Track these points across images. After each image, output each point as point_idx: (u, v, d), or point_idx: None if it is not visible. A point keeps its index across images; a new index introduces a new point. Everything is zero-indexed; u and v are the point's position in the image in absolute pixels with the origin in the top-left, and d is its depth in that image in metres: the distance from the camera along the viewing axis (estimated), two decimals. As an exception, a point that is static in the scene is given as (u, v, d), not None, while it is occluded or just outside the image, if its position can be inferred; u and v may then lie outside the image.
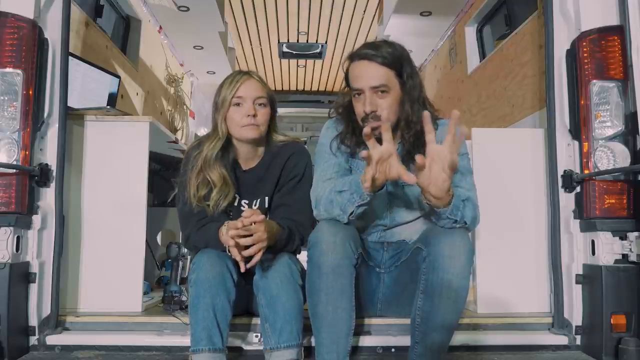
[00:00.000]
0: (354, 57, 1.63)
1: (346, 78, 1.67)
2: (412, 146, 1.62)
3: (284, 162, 1.78)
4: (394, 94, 1.60)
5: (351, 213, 1.52)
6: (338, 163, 1.68)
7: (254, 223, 1.50)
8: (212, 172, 1.71)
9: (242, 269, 1.51)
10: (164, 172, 2.80)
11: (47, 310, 1.79)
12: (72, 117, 1.98)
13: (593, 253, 1.79)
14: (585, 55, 1.82)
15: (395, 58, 1.59)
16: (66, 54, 1.88)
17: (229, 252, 1.56)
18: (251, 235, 1.50)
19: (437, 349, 1.53)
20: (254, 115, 1.70)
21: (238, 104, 1.71)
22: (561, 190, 1.89)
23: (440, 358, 1.54)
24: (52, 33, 1.85)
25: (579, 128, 1.84)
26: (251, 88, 1.72)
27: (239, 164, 1.81)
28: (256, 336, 1.77)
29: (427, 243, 1.51)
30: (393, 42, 1.64)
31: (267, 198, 1.80)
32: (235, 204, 1.79)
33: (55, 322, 1.80)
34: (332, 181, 1.62)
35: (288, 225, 1.68)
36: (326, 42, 5.42)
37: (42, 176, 1.80)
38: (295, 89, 6.86)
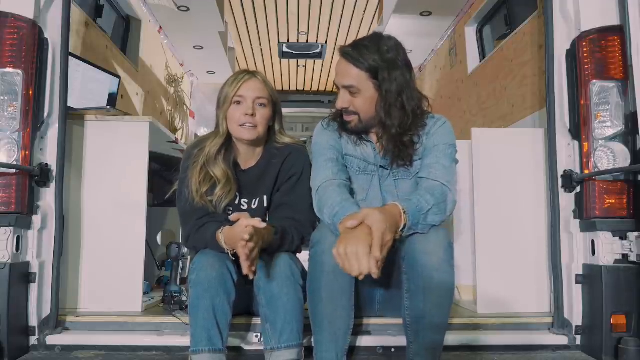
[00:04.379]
0: (339, 52, 1.67)
1: None
2: (396, 150, 1.66)
3: (282, 161, 1.78)
4: (366, 94, 1.63)
5: None
6: (335, 158, 1.70)
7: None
8: (216, 169, 1.73)
9: (251, 276, 1.47)
10: (164, 172, 2.80)
11: (47, 310, 1.80)
12: (72, 117, 1.98)
13: (593, 253, 1.79)
14: (585, 55, 1.82)
15: (373, 62, 1.59)
16: (66, 54, 1.88)
17: (232, 256, 1.57)
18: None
19: (432, 346, 1.53)
20: (252, 115, 1.71)
21: (238, 102, 1.72)
22: (561, 190, 1.89)
23: (436, 355, 1.55)
24: (52, 33, 1.85)
25: (579, 128, 1.84)
26: (252, 88, 1.73)
27: (238, 163, 1.81)
28: (256, 336, 1.77)
29: (403, 241, 1.51)
30: (381, 45, 1.61)
31: (265, 197, 1.80)
32: (236, 202, 1.79)
33: (55, 322, 1.80)
34: (329, 172, 1.65)
35: (284, 225, 1.68)
36: (326, 42, 5.42)
37: (42, 176, 1.80)
38: (295, 89, 6.86)
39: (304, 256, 1.71)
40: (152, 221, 2.41)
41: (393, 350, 1.76)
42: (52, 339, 1.78)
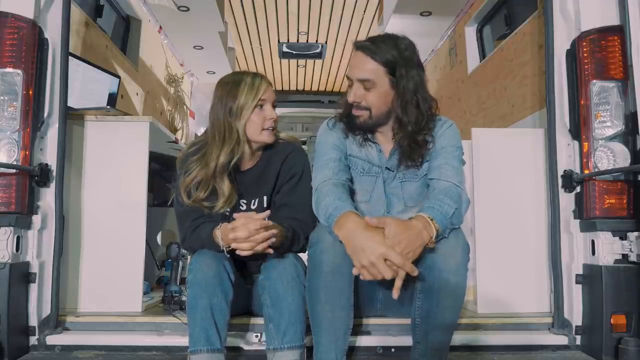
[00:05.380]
0: (355, 46, 1.67)
1: None
2: (408, 148, 1.66)
3: (282, 161, 1.78)
4: (381, 89, 1.62)
5: None
6: (338, 158, 1.69)
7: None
8: (223, 182, 1.70)
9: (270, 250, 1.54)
10: (164, 172, 2.80)
11: (47, 310, 1.79)
12: (72, 117, 1.98)
13: (593, 253, 1.79)
14: (585, 55, 1.82)
15: (391, 57, 1.60)
16: (66, 54, 1.88)
17: (227, 253, 1.57)
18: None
19: (439, 348, 1.53)
20: (276, 119, 1.73)
21: (261, 107, 1.72)
22: (561, 190, 1.89)
23: (442, 356, 1.55)
24: (52, 33, 1.85)
25: (579, 128, 1.84)
26: (270, 91, 1.74)
27: (238, 165, 1.81)
28: (256, 336, 1.77)
29: None
30: (398, 42, 1.63)
31: (265, 197, 1.80)
32: (234, 203, 1.79)
33: (55, 322, 1.80)
34: (330, 171, 1.64)
35: (292, 225, 1.68)
36: (326, 42, 5.42)
37: (42, 176, 1.80)
38: (295, 89, 6.86)
39: (303, 256, 1.71)
40: (152, 221, 2.41)
41: (393, 350, 1.76)
42: (52, 339, 1.78)
